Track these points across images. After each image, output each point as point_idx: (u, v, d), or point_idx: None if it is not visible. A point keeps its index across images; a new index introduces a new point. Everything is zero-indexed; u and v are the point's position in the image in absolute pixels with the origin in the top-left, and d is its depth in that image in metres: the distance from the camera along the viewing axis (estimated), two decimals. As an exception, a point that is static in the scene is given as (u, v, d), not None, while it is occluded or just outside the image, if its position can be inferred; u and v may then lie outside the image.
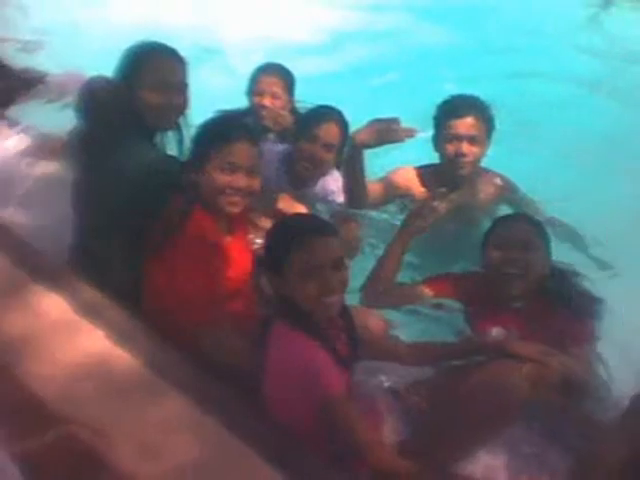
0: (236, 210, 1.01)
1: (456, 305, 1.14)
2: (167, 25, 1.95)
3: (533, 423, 0.94)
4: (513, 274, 1.07)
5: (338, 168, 1.35)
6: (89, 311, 0.95)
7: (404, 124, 1.23)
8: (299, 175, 1.32)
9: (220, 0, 2.37)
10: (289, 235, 0.88)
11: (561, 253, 1.16)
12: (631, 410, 0.88)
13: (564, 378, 0.93)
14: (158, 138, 1.13)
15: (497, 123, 1.34)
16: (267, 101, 1.45)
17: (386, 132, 1.23)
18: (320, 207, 1.34)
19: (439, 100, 1.35)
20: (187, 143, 1.10)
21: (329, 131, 1.28)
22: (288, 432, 0.83)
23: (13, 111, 1.49)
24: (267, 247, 0.91)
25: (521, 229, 1.11)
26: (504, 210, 1.39)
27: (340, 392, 0.84)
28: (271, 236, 0.91)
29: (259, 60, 1.54)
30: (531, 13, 2.40)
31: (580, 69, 2.08)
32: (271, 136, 1.45)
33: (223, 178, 0.99)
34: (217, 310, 0.99)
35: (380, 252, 1.21)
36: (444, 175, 1.34)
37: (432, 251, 1.31)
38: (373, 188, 1.36)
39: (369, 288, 1.16)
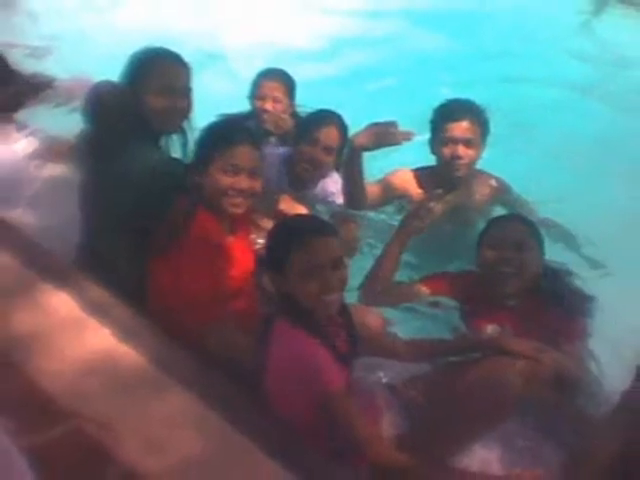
0: (239, 211, 1.03)
1: (452, 303, 1.16)
2: (171, 31, 1.97)
3: (527, 418, 0.96)
4: (507, 273, 1.09)
5: (337, 170, 1.37)
6: (96, 309, 0.97)
7: (401, 127, 1.26)
8: (300, 177, 1.34)
9: (222, 7, 2.41)
10: (290, 235, 0.90)
11: (554, 253, 1.19)
12: (622, 405, 0.89)
13: (557, 374, 0.95)
14: (163, 141, 1.15)
15: (492, 126, 1.36)
16: (269, 105, 1.48)
17: (384, 135, 1.26)
18: (320, 208, 1.36)
19: (435, 104, 1.38)
20: (191, 146, 1.12)
21: (329, 134, 1.30)
22: (290, 427, 0.85)
23: (22, 115, 1.52)
24: (269, 247, 0.93)
25: (515, 229, 1.13)
26: (499, 211, 1.41)
27: (340, 388, 0.86)
28: (272, 236, 0.93)
29: (260, 65, 1.57)
30: (525, 19, 2.43)
31: (573, 74, 2.11)
32: (272, 139, 1.48)
33: (226, 180, 1.01)
34: (220, 308, 1.01)
35: (378, 252, 1.23)
36: (440, 177, 1.37)
37: (429, 251, 1.33)
38: (371, 190, 1.38)
39: (368, 287, 1.18)
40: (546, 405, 0.97)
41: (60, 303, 0.99)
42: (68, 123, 1.30)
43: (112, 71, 1.13)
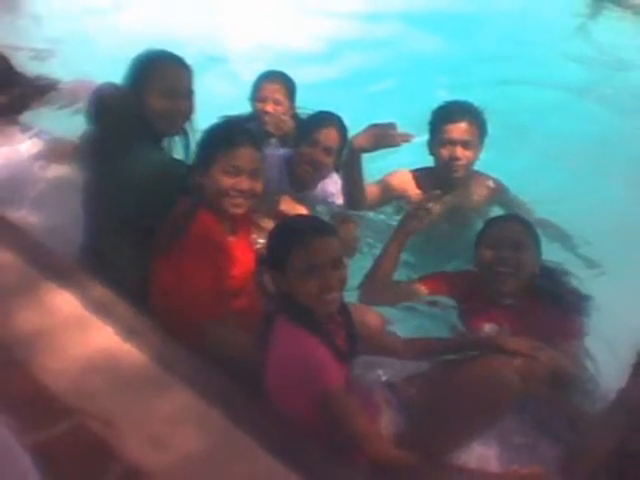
0: (240, 211, 1.05)
1: (450, 302, 1.18)
2: (173, 34, 1.99)
3: (524, 415, 0.97)
4: (505, 272, 1.11)
5: (337, 171, 1.39)
6: (99, 308, 0.98)
7: (400, 129, 1.27)
8: (300, 178, 1.36)
9: (224, 10, 2.43)
10: (290, 235, 0.91)
11: (551, 252, 1.20)
12: (618, 403, 0.90)
13: (553, 372, 0.96)
14: (165, 142, 1.16)
15: (490, 128, 1.38)
16: (269, 107, 1.49)
17: (383, 137, 1.27)
18: (320, 208, 1.37)
19: (434, 106, 1.39)
20: (193, 147, 1.13)
21: (329, 136, 1.32)
22: (290, 425, 0.86)
23: (26, 116, 1.53)
24: (269, 247, 0.95)
25: (512, 229, 1.15)
26: (496, 211, 1.42)
27: (339, 386, 0.87)
28: (273, 236, 0.95)
29: (261, 68, 1.58)
30: (522, 22, 2.46)
31: (569, 76, 2.14)
32: (273, 141, 1.49)
33: (227, 181, 1.02)
34: (222, 307, 1.02)
35: (377, 251, 1.24)
36: (439, 178, 1.38)
37: (427, 250, 1.35)
38: (371, 190, 1.40)
39: (367, 286, 1.19)
40: (543, 403, 0.98)
41: (63, 302, 1.00)
42: (72, 125, 1.31)
43: (115, 73, 1.14)
